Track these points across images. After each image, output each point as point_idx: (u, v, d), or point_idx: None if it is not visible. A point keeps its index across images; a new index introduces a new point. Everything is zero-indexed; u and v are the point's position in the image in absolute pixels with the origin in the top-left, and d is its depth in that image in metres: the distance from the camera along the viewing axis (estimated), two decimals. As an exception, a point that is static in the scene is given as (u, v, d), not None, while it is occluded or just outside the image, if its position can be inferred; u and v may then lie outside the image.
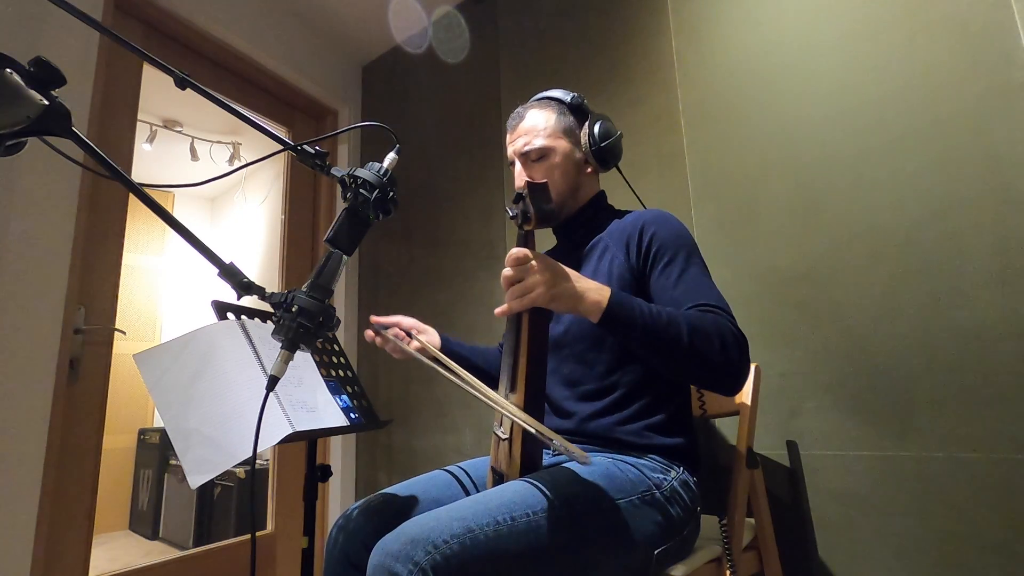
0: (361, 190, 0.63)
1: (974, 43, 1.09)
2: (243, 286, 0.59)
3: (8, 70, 0.51)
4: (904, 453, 1.07)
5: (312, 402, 0.88)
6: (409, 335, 1.09)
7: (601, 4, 1.71)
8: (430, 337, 1.12)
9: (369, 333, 1.09)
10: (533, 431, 0.68)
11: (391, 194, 0.65)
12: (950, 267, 1.06)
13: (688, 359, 0.75)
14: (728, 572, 0.91)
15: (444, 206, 2.06)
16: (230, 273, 0.58)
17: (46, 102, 0.53)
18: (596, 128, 1.02)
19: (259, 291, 0.60)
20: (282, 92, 2.20)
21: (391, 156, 0.69)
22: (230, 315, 0.88)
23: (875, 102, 1.19)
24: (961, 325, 1.04)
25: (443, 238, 2.04)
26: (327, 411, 0.89)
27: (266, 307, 0.63)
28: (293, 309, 0.57)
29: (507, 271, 0.75)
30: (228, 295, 0.69)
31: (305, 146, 0.66)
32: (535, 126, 1.03)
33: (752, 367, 1.09)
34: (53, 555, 1.29)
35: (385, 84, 2.41)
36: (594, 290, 0.75)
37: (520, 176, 1.02)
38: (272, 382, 0.57)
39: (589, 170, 1.05)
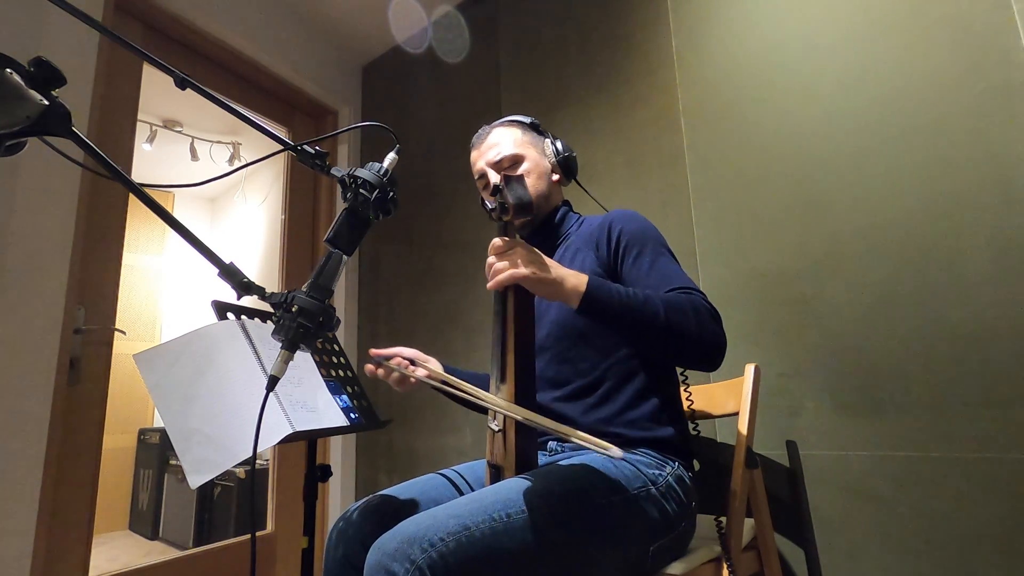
0: (361, 190, 0.63)
1: (974, 43, 1.09)
2: (243, 286, 0.59)
3: (8, 70, 0.51)
4: (904, 453, 1.07)
5: (312, 402, 0.88)
6: (413, 364, 1.04)
7: (601, 4, 1.71)
8: (432, 367, 1.08)
9: (370, 367, 1.03)
10: (546, 427, 0.68)
11: (391, 194, 0.65)
12: (949, 266, 1.06)
13: (667, 334, 0.77)
14: (727, 572, 0.91)
15: (444, 206, 2.06)
16: (230, 273, 0.58)
17: (46, 102, 0.52)
18: (558, 142, 1.11)
19: (259, 291, 0.60)
20: (282, 92, 2.20)
21: (391, 156, 0.69)
22: (230, 315, 0.88)
23: (875, 101, 1.19)
24: (960, 324, 1.04)
25: (443, 238, 2.04)
26: (327, 411, 0.89)
27: (266, 307, 0.63)
28: (293, 309, 0.57)
29: (491, 259, 0.77)
30: (228, 295, 0.69)
31: (305, 146, 0.66)
32: (502, 139, 1.09)
33: (752, 367, 1.09)
34: (53, 555, 1.29)
35: (385, 84, 2.41)
36: (572, 276, 0.78)
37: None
38: (272, 382, 0.57)
39: (556, 178, 1.12)
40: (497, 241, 0.77)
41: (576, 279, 0.77)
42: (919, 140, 1.12)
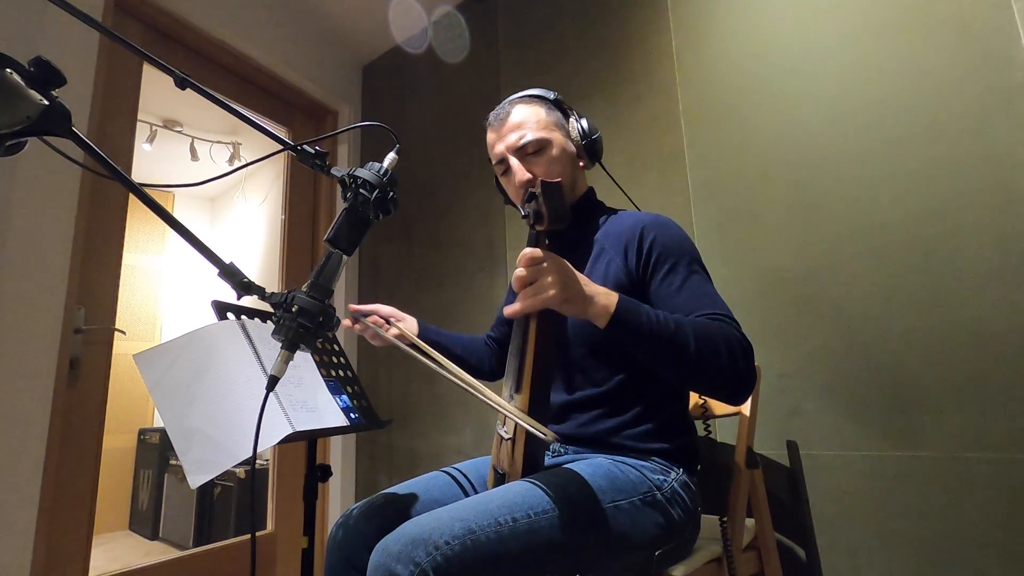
0: (361, 190, 0.63)
1: (974, 43, 1.09)
2: (243, 286, 0.59)
3: (8, 70, 0.51)
4: (904, 453, 1.07)
5: (312, 402, 0.88)
6: (388, 323, 1.07)
7: (601, 4, 1.71)
8: (408, 325, 1.09)
9: (347, 322, 1.07)
10: (527, 427, 0.67)
11: (391, 194, 0.65)
12: (950, 266, 1.06)
13: (695, 367, 0.73)
14: (728, 572, 0.91)
15: (444, 206, 2.06)
16: (230, 273, 0.58)
17: (46, 102, 0.52)
18: (583, 121, 1.01)
19: (259, 291, 0.60)
20: (282, 92, 2.20)
21: (391, 156, 0.69)
22: (230, 315, 0.88)
23: (875, 102, 1.19)
24: (961, 324, 1.04)
25: (443, 238, 2.04)
26: (327, 411, 0.89)
27: (266, 307, 0.63)
28: (293, 309, 0.57)
29: (520, 271, 0.72)
30: (228, 295, 0.69)
31: (305, 146, 0.66)
32: (526, 119, 0.99)
33: (752, 367, 1.09)
34: (53, 555, 1.29)
35: (385, 84, 2.41)
36: (602, 295, 0.74)
37: (520, 171, 0.97)
38: (272, 382, 0.57)
39: (581, 164, 1.03)
40: (529, 252, 0.71)
41: (606, 298, 0.73)
42: (919, 141, 1.12)
